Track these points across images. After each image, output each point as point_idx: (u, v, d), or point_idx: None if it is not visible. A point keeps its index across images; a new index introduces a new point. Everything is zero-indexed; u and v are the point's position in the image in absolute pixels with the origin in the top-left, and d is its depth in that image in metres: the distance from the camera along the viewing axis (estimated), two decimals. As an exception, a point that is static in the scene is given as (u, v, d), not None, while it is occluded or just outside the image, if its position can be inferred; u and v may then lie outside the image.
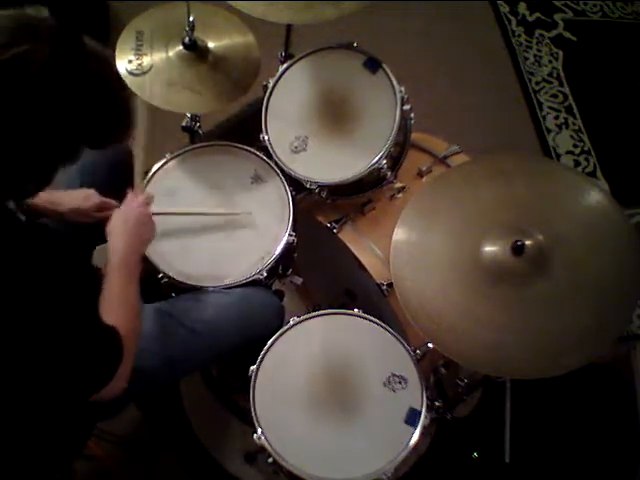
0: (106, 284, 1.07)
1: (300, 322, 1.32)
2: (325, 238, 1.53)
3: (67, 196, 1.26)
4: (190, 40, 1.41)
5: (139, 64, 1.40)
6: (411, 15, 2.66)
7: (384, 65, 1.43)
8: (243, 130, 1.54)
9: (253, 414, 1.22)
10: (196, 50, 1.43)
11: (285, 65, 1.49)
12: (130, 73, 1.39)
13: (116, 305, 1.05)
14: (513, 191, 1.22)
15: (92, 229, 1.39)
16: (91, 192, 1.28)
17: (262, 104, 1.48)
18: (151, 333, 1.23)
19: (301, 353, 1.30)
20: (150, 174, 1.46)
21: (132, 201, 1.23)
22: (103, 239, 1.54)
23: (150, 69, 1.40)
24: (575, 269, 1.14)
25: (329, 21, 1.34)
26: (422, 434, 1.22)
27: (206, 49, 1.45)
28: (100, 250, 1.54)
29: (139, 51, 1.41)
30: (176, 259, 1.37)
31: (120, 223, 1.17)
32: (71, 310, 0.92)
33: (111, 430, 1.57)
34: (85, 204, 1.26)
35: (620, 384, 1.78)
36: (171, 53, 1.42)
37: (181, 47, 1.42)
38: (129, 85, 1.38)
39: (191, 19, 1.37)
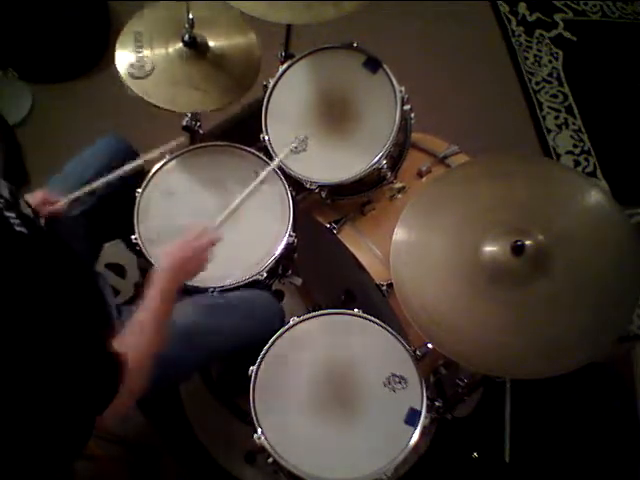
0: (143, 305, 1.08)
1: (300, 322, 1.32)
2: (325, 238, 1.53)
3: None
4: (190, 37, 1.41)
5: (141, 66, 1.40)
6: (411, 15, 2.67)
7: (384, 65, 1.43)
8: (243, 130, 1.54)
9: (253, 414, 1.22)
10: (196, 47, 1.43)
11: (285, 65, 1.49)
12: (133, 76, 1.39)
13: (141, 331, 1.05)
14: (513, 191, 1.22)
15: (104, 228, 1.39)
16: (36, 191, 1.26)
17: (262, 104, 1.48)
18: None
19: (301, 353, 1.30)
20: (150, 174, 1.46)
21: (200, 236, 1.20)
22: (112, 237, 1.55)
23: (152, 71, 1.40)
24: (575, 269, 1.14)
25: (329, 21, 1.34)
26: (422, 434, 1.22)
27: (206, 46, 1.45)
28: (109, 247, 1.55)
29: (139, 53, 1.41)
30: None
31: (176, 260, 1.15)
32: (72, 332, 0.90)
33: (111, 430, 1.57)
34: (30, 201, 1.22)
35: (620, 384, 1.77)
36: (172, 52, 1.43)
37: (181, 45, 1.42)
38: (133, 88, 1.38)
39: (190, 16, 1.38)
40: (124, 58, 1.41)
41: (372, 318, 1.32)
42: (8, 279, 0.82)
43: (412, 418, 1.23)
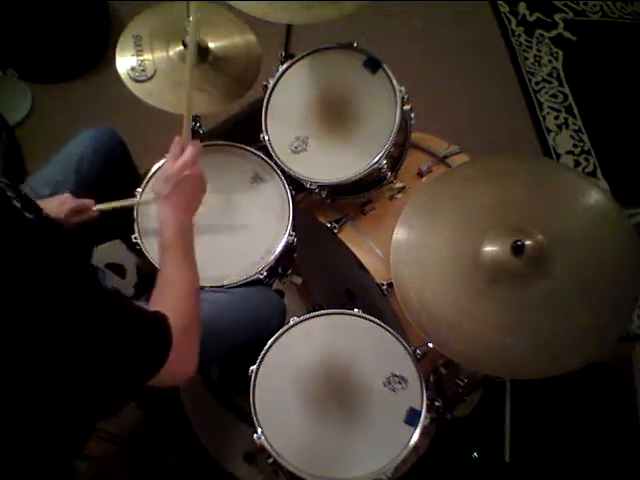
0: (160, 264, 1.03)
1: (300, 322, 1.32)
2: (325, 238, 1.53)
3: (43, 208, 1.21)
4: (191, 40, 1.41)
5: (142, 70, 1.40)
6: (411, 15, 2.67)
7: (384, 65, 1.43)
8: (243, 130, 1.54)
9: (253, 414, 1.22)
10: (197, 50, 1.43)
11: (285, 65, 1.49)
12: (135, 80, 1.39)
13: (170, 286, 1.00)
14: (513, 191, 1.22)
15: (92, 230, 1.39)
16: (65, 197, 1.23)
17: (262, 104, 1.48)
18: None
19: (301, 353, 1.30)
20: (150, 174, 1.46)
21: (174, 162, 1.10)
22: (102, 240, 1.55)
23: (154, 74, 1.40)
24: (575, 269, 1.14)
25: (329, 21, 1.34)
26: (422, 434, 1.22)
27: (207, 48, 1.45)
28: (98, 250, 1.55)
29: (140, 56, 1.41)
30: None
31: (166, 192, 1.07)
32: (106, 300, 0.87)
33: (111, 430, 1.57)
34: (60, 210, 1.21)
35: (620, 384, 1.78)
36: (173, 55, 1.43)
37: (182, 47, 1.42)
38: (136, 93, 1.38)
39: (191, 18, 1.37)
40: (125, 62, 1.41)
41: (372, 318, 1.32)
42: (36, 264, 0.79)
43: (412, 418, 1.23)
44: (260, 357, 1.27)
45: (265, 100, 1.47)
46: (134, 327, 0.89)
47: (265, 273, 1.37)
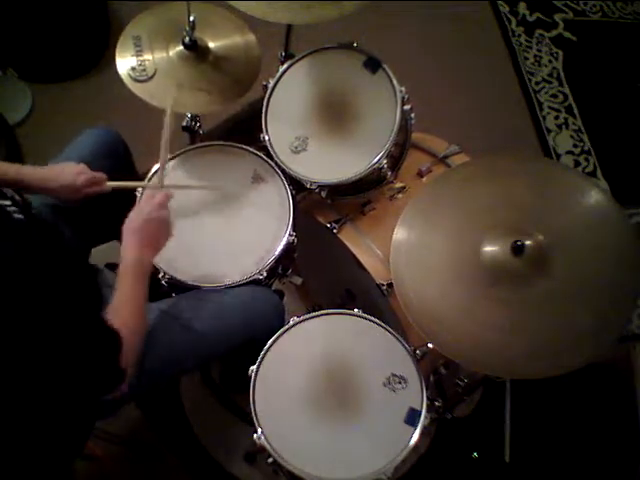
0: (117, 284, 1.09)
1: (300, 322, 1.32)
2: (325, 238, 1.53)
3: (59, 172, 1.24)
4: (191, 40, 1.41)
5: (142, 70, 1.40)
6: (411, 15, 2.67)
7: (384, 65, 1.43)
8: (243, 130, 1.54)
9: (253, 414, 1.22)
10: (197, 50, 1.43)
11: (285, 65, 1.49)
12: (136, 80, 1.39)
13: (123, 305, 1.07)
14: (513, 191, 1.22)
15: (91, 231, 1.39)
16: (82, 167, 1.27)
17: (262, 104, 1.48)
18: (151, 332, 1.23)
19: (301, 353, 1.30)
20: (150, 174, 1.46)
21: (148, 201, 1.20)
22: (101, 240, 1.55)
23: (155, 74, 1.40)
24: (575, 269, 1.14)
25: (329, 21, 1.34)
26: (422, 434, 1.22)
27: (206, 48, 1.45)
28: (98, 250, 1.55)
29: (140, 56, 1.41)
30: (176, 259, 1.37)
31: (135, 224, 1.16)
32: (70, 310, 0.92)
33: (111, 430, 1.58)
34: (77, 180, 1.25)
35: (620, 384, 1.78)
36: (172, 55, 1.43)
37: (181, 47, 1.42)
38: (136, 92, 1.38)
39: (191, 19, 1.38)
40: (125, 62, 1.41)
41: (372, 318, 1.32)
42: (11, 267, 0.83)
43: (412, 418, 1.23)
44: (260, 357, 1.27)
45: (265, 100, 1.47)
46: (91, 339, 0.95)
47: (265, 273, 1.37)
